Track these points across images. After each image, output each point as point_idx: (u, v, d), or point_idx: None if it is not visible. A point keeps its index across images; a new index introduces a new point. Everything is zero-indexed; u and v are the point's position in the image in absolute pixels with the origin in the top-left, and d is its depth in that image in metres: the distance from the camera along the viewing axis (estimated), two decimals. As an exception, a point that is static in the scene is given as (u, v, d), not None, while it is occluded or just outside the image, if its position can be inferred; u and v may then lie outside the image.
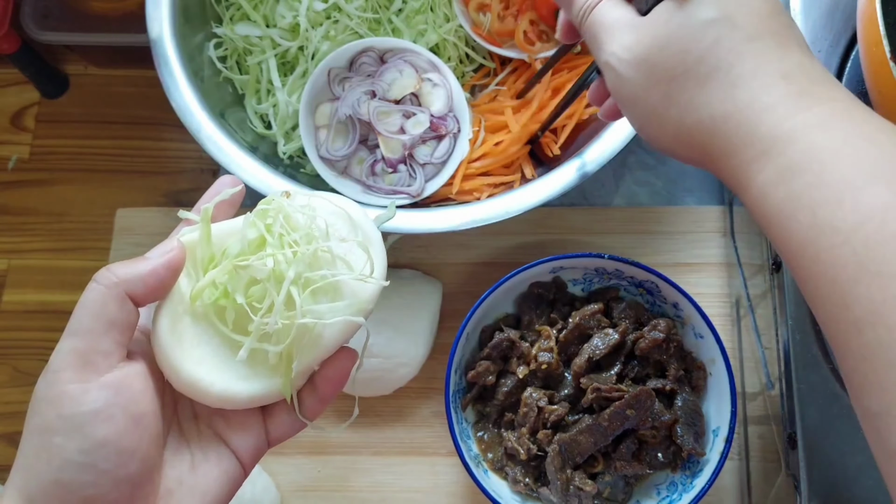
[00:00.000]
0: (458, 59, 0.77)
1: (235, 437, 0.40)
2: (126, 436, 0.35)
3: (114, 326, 0.36)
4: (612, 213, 0.80)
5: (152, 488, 0.37)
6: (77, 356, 0.35)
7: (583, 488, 0.62)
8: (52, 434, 0.34)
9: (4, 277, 0.83)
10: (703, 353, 0.67)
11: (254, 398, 0.39)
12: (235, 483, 0.40)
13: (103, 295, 0.36)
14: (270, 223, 0.39)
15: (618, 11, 0.41)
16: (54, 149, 0.88)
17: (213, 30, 0.74)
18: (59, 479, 0.34)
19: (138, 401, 0.36)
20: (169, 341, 0.37)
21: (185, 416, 0.40)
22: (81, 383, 0.34)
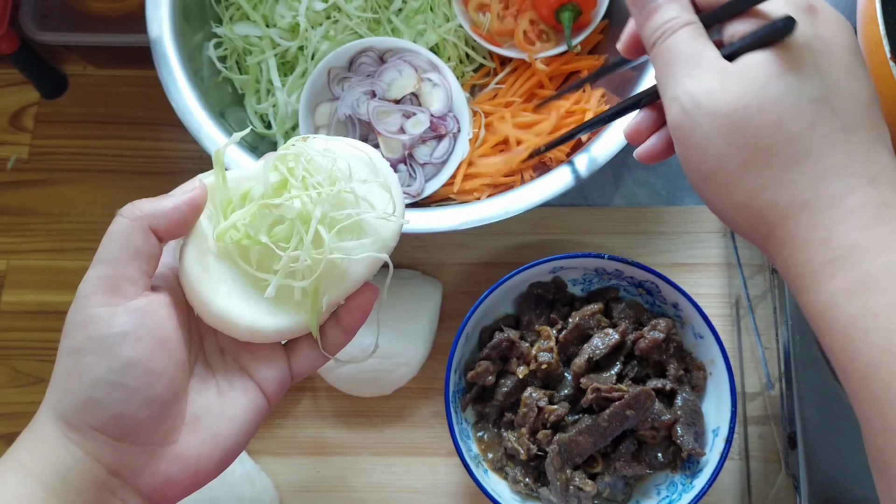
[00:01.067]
0: (458, 58, 0.77)
1: (260, 370, 0.42)
2: (153, 357, 0.37)
3: (139, 256, 0.38)
4: (611, 213, 0.80)
5: (178, 412, 0.39)
6: (105, 282, 0.37)
7: (582, 488, 0.62)
8: (84, 354, 0.36)
9: (3, 278, 0.83)
10: (702, 353, 0.67)
11: (281, 331, 0.41)
12: (260, 414, 0.42)
13: (129, 227, 0.38)
14: (292, 166, 0.41)
15: (700, 46, 0.38)
16: (53, 149, 0.88)
17: (212, 30, 0.74)
18: (91, 396, 0.36)
19: (164, 326, 0.38)
20: (198, 274, 0.39)
21: (211, 350, 0.42)
22: (109, 307, 0.36)
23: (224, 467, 0.41)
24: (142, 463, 0.38)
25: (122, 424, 0.36)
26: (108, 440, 0.37)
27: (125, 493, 0.38)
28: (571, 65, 0.76)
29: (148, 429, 0.37)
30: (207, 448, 0.39)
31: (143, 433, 0.37)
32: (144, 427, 0.37)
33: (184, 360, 0.39)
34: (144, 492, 0.38)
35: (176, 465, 0.38)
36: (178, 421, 0.39)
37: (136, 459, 0.37)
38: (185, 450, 0.39)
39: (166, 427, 0.38)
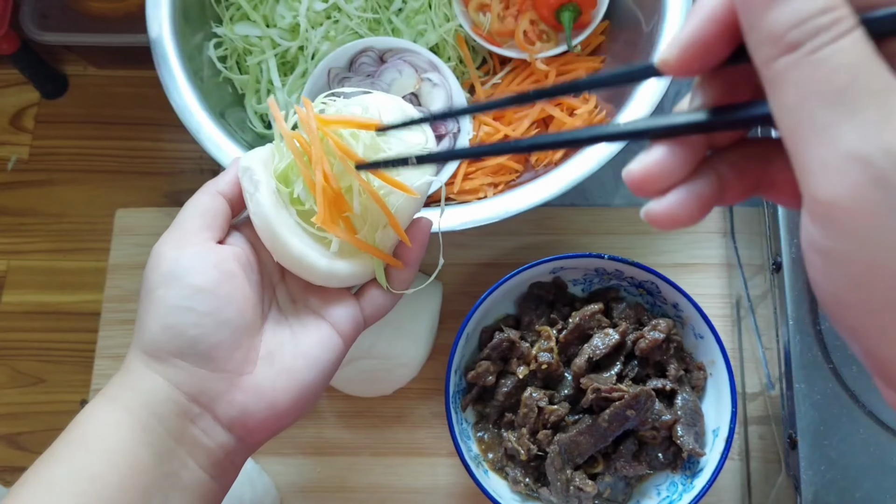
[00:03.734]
0: (458, 58, 0.77)
1: (332, 311, 0.44)
2: (220, 286, 0.40)
3: (206, 212, 0.42)
4: (612, 213, 0.80)
5: (252, 345, 0.41)
6: (174, 236, 0.41)
7: (583, 489, 0.62)
8: (156, 289, 0.39)
9: (4, 278, 0.83)
10: (703, 354, 0.67)
11: (355, 275, 0.44)
12: (336, 352, 0.44)
13: (199, 193, 0.43)
14: None
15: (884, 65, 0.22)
16: (54, 149, 0.88)
17: (212, 30, 0.74)
18: (166, 323, 0.39)
19: (227, 264, 0.41)
20: (277, 221, 0.42)
21: (283, 298, 0.45)
22: (178, 249, 0.40)
23: (301, 407, 0.42)
24: (220, 390, 0.39)
25: (197, 348, 0.39)
26: (186, 365, 0.39)
27: (205, 422, 0.40)
28: (571, 65, 0.76)
29: (223, 353, 0.39)
30: (283, 381, 0.41)
31: (219, 357, 0.39)
32: (219, 351, 0.39)
33: (253, 298, 0.42)
34: (224, 421, 0.40)
35: (252, 394, 0.40)
36: (252, 353, 0.41)
37: (214, 386, 0.39)
38: (262, 381, 0.41)
39: (240, 356, 0.40)
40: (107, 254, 0.80)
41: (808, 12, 0.22)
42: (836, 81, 0.22)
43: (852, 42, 0.22)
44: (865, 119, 0.21)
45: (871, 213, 0.21)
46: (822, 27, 0.22)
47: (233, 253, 0.42)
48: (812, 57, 0.22)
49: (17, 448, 0.79)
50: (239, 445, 0.41)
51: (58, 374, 0.80)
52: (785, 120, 0.23)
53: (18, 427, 0.79)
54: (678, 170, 0.27)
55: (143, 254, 0.78)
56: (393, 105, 0.45)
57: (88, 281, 0.82)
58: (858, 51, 0.22)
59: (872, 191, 0.21)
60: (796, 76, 0.22)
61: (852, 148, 0.21)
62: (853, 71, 0.22)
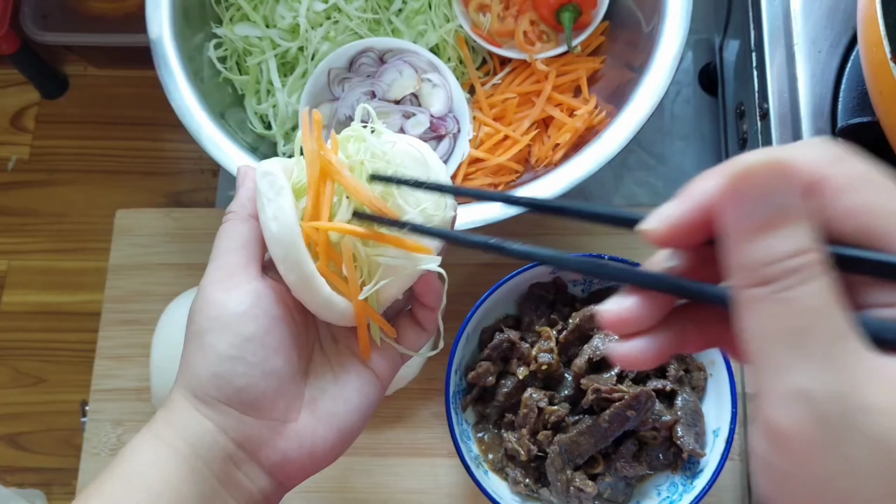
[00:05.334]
0: (458, 59, 0.77)
1: (372, 356, 0.44)
2: (270, 333, 0.39)
3: (248, 243, 0.41)
4: (612, 213, 0.80)
5: (297, 392, 0.41)
6: (220, 271, 0.40)
7: (583, 489, 0.62)
8: (206, 334, 0.39)
9: (4, 278, 0.83)
10: (703, 354, 0.67)
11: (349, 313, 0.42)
12: (374, 397, 0.44)
13: (232, 222, 0.42)
14: (353, 153, 0.42)
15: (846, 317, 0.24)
16: (54, 149, 0.88)
17: (212, 30, 0.74)
18: (216, 371, 0.38)
19: (276, 307, 0.40)
20: (299, 231, 0.40)
21: (326, 338, 0.45)
22: (226, 291, 0.40)
23: (339, 451, 0.42)
24: (264, 437, 0.40)
25: (244, 397, 0.39)
26: (233, 412, 0.39)
27: (249, 467, 0.40)
28: (571, 66, 0.76)
29: (269, 402, 0.40)
30: (323, 428, 0.41)
31: (265, 406, 0.40)
32: (265, 400, 0.39)
33: (299, 340, 0.42)
34: (266, 467, 0.40)
35: (293, 441, 0.40)
36: (297, 400, 0.41)
37: (259, 433, 0.40)
38: (303, 428, 0.41)
39: (286, 403, 0.40)
40: (107, 254, 0.80)
41: (783, 253, 0.24)
42: (797, 323, 0.24)
43: (818, 288, 0.24)
44: (815, 363, 0.23)
45: (812, 446, 0.23)
46: (793, 269, 0.24)
47: (278, 292, 0.41)
48: (779, 296, 0.24)
49: (17, 448, 0.79)
50: (277, 488, 0.42)
51: (58, 374, 0.80)
52: (746, 341, 0.25)
53: (18, 427, 0.79)
54: (646, 320, 0.29)
55: (143, 254, 0.79)
56: (413, 152, 0.43)
57: (88, 281, 0.82)
58: (822, 296, 0.24)
59: (814, 427, 0.23)
60: (762, 309, 0.24)
61: (801, 386, 0.23)
62: (813, 316, 0.24)
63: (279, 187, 0.40)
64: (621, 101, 0.68)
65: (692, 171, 0.81)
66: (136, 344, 0.76)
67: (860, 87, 0.63)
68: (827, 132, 0.63)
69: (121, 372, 0.76)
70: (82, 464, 0.73)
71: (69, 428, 0.79)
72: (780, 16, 0.67)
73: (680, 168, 0.82)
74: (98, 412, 0.75)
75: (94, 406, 0.75)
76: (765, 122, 0.65)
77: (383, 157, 0.42)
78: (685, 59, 0.86)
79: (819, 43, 0.65)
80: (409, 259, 0.42)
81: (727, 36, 0.78)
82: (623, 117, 0.66)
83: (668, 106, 0.85)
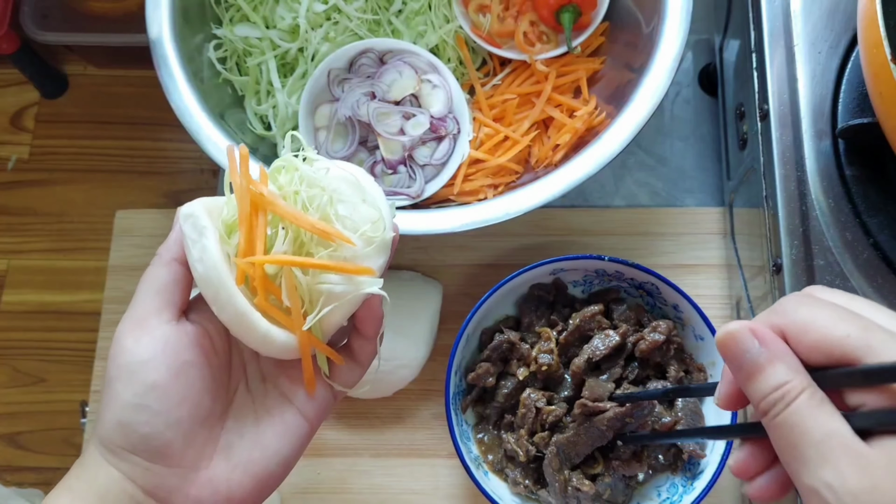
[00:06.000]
0: (458, 59, 0.77)
1: (299, 395, 0.43)
2: (174, 381, 0.39)
3: (164, 288, 0.41)
4: (612, 214, 0.80)
5: (210, 437, 0.41)
6: (133, 317, 0.40)
7: (580, 488, 0.62)
8: (114, 382, 0.39)
9: (4, 278, 0.83)
10: (703, 355, 0.67)
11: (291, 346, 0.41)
12: (300, 439, 0.43)
13: (153, 266, 0.42)
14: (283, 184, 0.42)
15: (829, 422, 0.32)
16: (54, 149, 0.88)
17: (212, 31, 0.74)
18: (120, 420, 0.38)
19: (186, 353, 0.40)
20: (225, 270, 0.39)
21: (254, 377, 0.44)
22: (135, 338, 0.39)
23: (262, 496, 0.42)
24: (174, 485, 0.39)
25: (149, 445, 0.38)
26: (140, 461, 0.38)
27: None
28: (571, 66, 0.76)
29: (176, 450, 0.39)
30: (238, 474, 0.40)
31: (172, 454, 0.39)
32: (172, 448, 0.39)
33: (213, 385, 0.41)
34: None
35: (206, 489, 0.40)
36: (208, 446, 0.40)
37: (168, 481, 0.39)
38: (217, 475, 0.40)
39: (195, 451, 0.40)
40: (107, 253, 0.80)
41: (767, 389, 0.33)
42: (793, 437, 0.32)
43: (801, 405, 0.32)
44: (811, 464, 0.31)
45: None
46: (776, 400, 0.33)
47: (194, 336, 0.40)
48: (773, 422, 0.33)
49: (17, 448, 0.79)
50: None
51: (58, 374, 0.80)
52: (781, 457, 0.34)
53: (18, 426, 0.79)
54: (758, 463, 0.38)
55: (143, 255, 0.79)
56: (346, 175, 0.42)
57: (88, 280, 0.82)
58: (806, 410, 0.32)
59: None
60: (771, 432, 0.34)
61: (807, 484, 0.32)
62: (802, 427, 0.32)
63: (201, 227, 0.39)
64: (621, 102, 0.68)
65: (692, 172, 0.82)
66: (136, 344, 0.76)
67: (860, 87, 0.63)
68: (827, 133, 0.63)
69: (120, 372, 0.76)
70: (82, 464, 0.73)
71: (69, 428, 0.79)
72: (780, 16, 0.67)
73: (680, 169, 0.82)
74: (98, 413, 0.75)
75: (93, 407, 0.75)
76: (765, 122, 0.65)
77: (318, 184, 0.41)
78: (685, 60, 0.86)
79: (819, 43, 0.65)
80: (352, 283, 0.41)
81: (727, 36, 0.78)
82: (623, 118, 0.66)
83: (668, 106, 0.85)
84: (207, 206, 0.41)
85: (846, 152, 0.62)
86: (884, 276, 0.60)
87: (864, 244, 0.61)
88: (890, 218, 0.61)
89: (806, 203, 0.62)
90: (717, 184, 0.81)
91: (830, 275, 0.60)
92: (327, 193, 0.41)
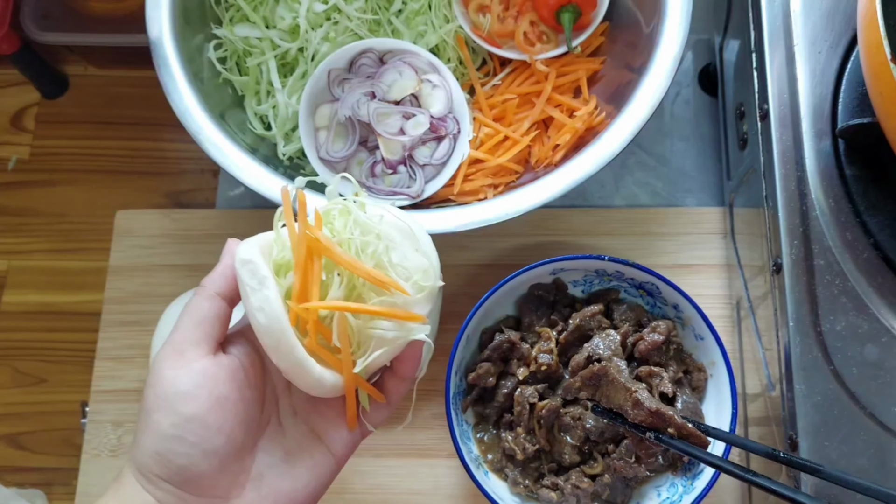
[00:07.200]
0: (458, 59, 0.77)
1: (329, 433, 0.45)
2: (211, 414, 0.40)
3: (205, 320, 0.42)
4: (612, 214, 0.80)
5: (242, 468, 0.42)
6: (172, 348, 0.41)
7: (580, 486, 0.62)
8: (152, 412, 0.40)
9: (4, 278, 0.83)
10: (703, 355, 0.67)
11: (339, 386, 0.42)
12: (327, 475, 0.45)
13: (197, 296, 0.43)
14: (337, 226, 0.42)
15: None
16: (54, 149, 0.88)
17: (212, 31, 0.74)
18: (158, 450, 0.39)
19: (223, 386, 0.41)
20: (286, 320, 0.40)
21: (285, 410, 0.45)
22: (174, 369, 0.40)
23: None
24: None
25: (185, 475, 0.39)
26: (174, 489, 0.40)
27: None
28: (571, 66, 0.76)
29: (210, 480, 0.40)
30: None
31: (206, 485, 0.40)
32: (206, 478, 0.40)
33: (246, 418, 0.42)
34: None
35: None
36: (241, 476, 0.42)
37: None
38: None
39: (228, 481, 0.41)
40: (107, 254, 0.80)
41: None
42: None
43: None
44: None
45: None
46: None
47: (230, 370, 0.42)
48: None
49: (17, 448, 0.79)
50: None
51: (58, 374, 0.80)
52: None
53: (18, 427, 0.79)
54: None
55: (143, 256, 0.79)
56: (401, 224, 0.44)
57: (89, 281, 0.82)
58: None
59: None
60: None
61: None
62: None
63: (262, 277, 0.40)
64: (621, 102, 0.68)
65: (692, 172, 0.82)
66: (136, 345, 0.76)
67: (860, 87, 0.63)
68: (827, 133, 0.63)
69: (121, 373, 0.76)
70: (83, 465, 0.73)
71: (69, 428, 0.79)
72: (780, 16, 0.67)
73: (680, 169, 0.82)
74: (98, 413, 0.75)
75: (94, 407, 0.75)
76: (765, 122, 0.65)
77: (372, 231, 0.42)
78: (685, 60, 0.86)
79: (819, 44, 0.65)
80: (402, 329, 0.42)
81: (727, 36, 0.78)
82: (623, 118, 0.66)
83: (668, 106, 0.85)
84: (261, 245, 0.41)
85: (846, 152, 0.62)
86: (884, 275, 0.60)
87: (864, 244, 0.61)
88: (890, 218, 0.61)
89: (806, 203, 0.62)
90: (717, 184, 0.81)
91: (830, 275, 0.60)
92: (383, 242, 0.42)
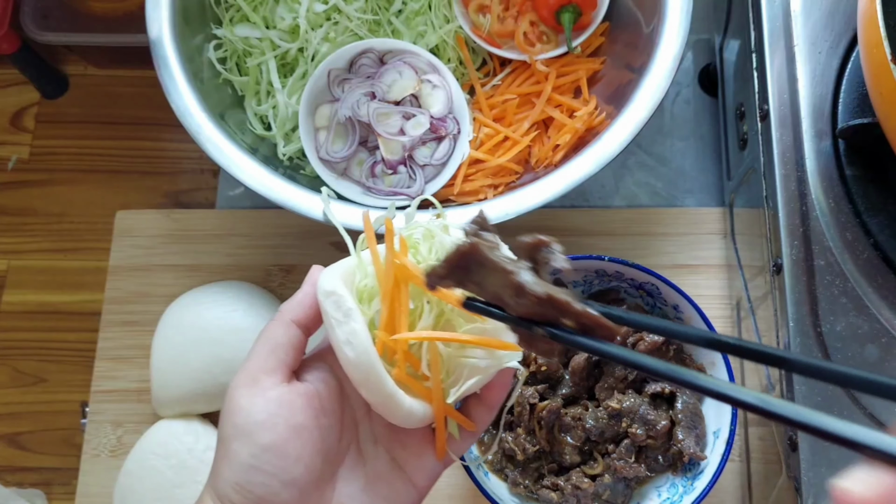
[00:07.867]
0: (458, 60, 0.77)
1: (410, 462, 0.43)
2: (288, 443, 0.39)
3: (279, 347, 0.41)
4: (612, 214, 0.80)
5: (322, 498, 0.41)
6: (247, 375, 0.41)
7: (580, 486, 0.62)
8: (230, 441, 0.39)
9: (4, 278, 0.83)
10: (703, 355, 0.67)
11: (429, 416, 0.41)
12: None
13: (273, 323, 0.42)
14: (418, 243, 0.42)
15: None
16: (54, 149, 0.88)
17: (212, 31, 0.74)
18: (237, 480, 0.39)
19: (299, 414, 0.40)
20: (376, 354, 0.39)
21: (366, 439, 0.44)
22: (249, 397, 0.40)
23: None
24: None
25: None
26: None
27: None
28: (571, 66, 0.76)
29: None
30: None
31: None
32: None
33: (324, 446, 0.41)
34: None
35: None
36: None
37: None
38: None
39: None
40: (107, 253, 0.80)
41: None
42: None
43: None
44: None
45: None
46: None
47: (306, 398, 0.41)
48: None
49: (17, 448, 0.79)
50: None
51: (58, 374, 0.80)
52: None
53: (18, 427, 0.79)
54: None
55: (142, 256, 0.79)
56: None
57: (89, 281, 0.82)
58: None
59: None
60: None
61: None
62: None
63: (347, 309, 0.39)
64: (621, 102, 0.68)
65: (692, 172, 0.82)
66: (136, 345, 0.76)
67: (860, 87, 0.63)
68: (827, 133, 0.63)
69: (121, 373, 0.76)
70: (83, 465, 0.73)
71: (69, 428, 0.79)
72: (780, 16, 0.67)
73: (680, 169, 0.82)
74: (98, 413, 0.75)
75: (94, 407, 0.75)
76: (765, 122, 0.65)
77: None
78: (685, 60, 0.86)
79: (819, 44, 0.65)
80: (493, 357, 0.41)
81: (727, 36, 0.78)
82: (623, 118, 0.66)
83: (668, 106, 0.85)
84: (342, 272, 0.40)
85: (846, 152, 0.62)
86: (884, 275, 0.60)
87: (864, 244, 0.61)
88: (890, 218, 0.61)
89: (806, 203, 0.62)
90: (717, 184, 0.81)
91: (830, 275, 0.60)
92: None
